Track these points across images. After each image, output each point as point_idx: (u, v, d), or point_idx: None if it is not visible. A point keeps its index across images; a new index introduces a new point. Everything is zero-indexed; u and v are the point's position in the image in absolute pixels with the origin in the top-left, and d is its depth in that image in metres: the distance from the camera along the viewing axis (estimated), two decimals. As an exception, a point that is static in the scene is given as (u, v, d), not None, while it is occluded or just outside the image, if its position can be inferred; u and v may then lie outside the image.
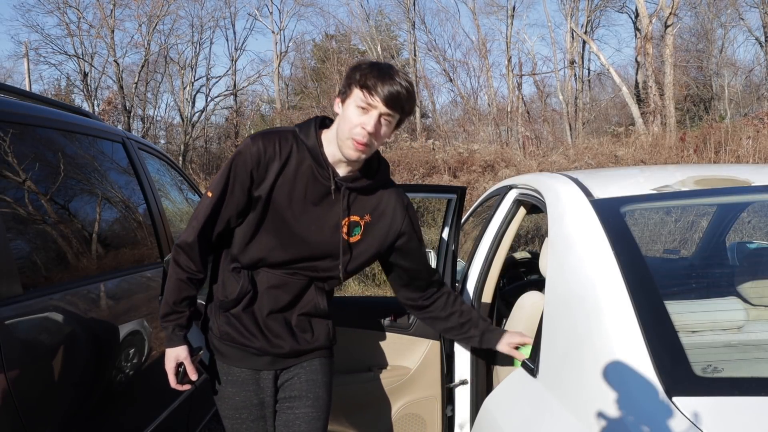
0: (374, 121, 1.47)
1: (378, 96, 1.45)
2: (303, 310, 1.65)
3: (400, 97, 1.47)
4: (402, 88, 1.47)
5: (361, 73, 1.48)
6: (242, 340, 1.62)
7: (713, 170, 1.83)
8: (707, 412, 1.05)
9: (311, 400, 1.67)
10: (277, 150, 1.54)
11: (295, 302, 1.64)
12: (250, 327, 1.62)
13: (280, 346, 1.62)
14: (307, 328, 1.66)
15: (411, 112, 1.56)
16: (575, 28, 20.48)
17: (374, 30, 24.26)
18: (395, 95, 1.46)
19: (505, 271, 3.24)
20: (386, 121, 1.50)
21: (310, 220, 1.58)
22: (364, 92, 1.47)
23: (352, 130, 1.48)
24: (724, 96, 20.48)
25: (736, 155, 10.11)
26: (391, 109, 1.48)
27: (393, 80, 1.46)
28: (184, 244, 1.59)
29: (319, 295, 1.65)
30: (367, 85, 1.46)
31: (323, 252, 1.61)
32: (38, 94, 2.45)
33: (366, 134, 1.47)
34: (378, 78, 1.46)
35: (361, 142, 1.48)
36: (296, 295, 1.63)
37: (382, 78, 1.46)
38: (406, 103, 1.50)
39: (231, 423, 1.67)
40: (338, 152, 1.54)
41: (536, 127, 19.71)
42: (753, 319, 1.60)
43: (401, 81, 1.47)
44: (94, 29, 22.53)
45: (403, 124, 1.59)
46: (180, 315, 1.62)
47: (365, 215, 1.64)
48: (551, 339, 1.44)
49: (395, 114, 1.51)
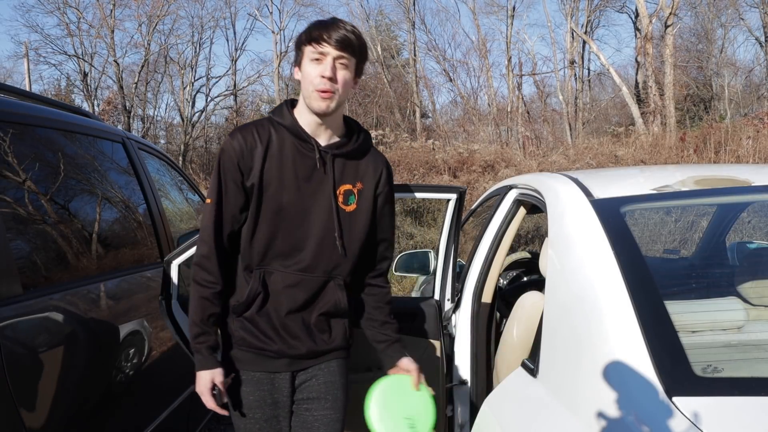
0: (330, 66, 1.51)
1: (327, 42, 1.51)
2: (323, 309, 1.63)
3: (348, 39, 1.52)
4: (348, 32, 1.52)
5: (306, 32, 1.54)
6: (259, 344, 1.61)
7: (713, 170, 1.83)
8: (707, 412, 1.05)
9: (330, 402, 1.67)
10: (256, 137, 1.58)
11: (313, 300, 1.63)
12: (266, 330, 1.61)
13: (297, 347, 1.61)
14: (325, 329, 1.65)
15: (366, 57, 1.61)
16: (575, 28, 20.48)
17: (374, 30, 24.25)
18: (343, 37, 1.51)
19: (505, 271, 3.25)
20: (342, 65, 1.54)
21: (304, 196, 1.59)
22: (313, 44, 1.52)
23: (313, 82, 1.53)
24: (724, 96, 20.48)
25: (736, 155, 10.10)
26: (343, 51, 1.52)
27: (338, 26, 1.52)
28: (201, 259, 1.60)
29: (339, 291, 1.64)
30: (314, 37, 1.52)
31: (324, 227, 1.60)
32: (38, 94, 2.45)
33: (326, 81, 1.52)
34: (323, 28, 1.52)
35: (323, 89, 1.52)
36: (314, 293, 1.62)
37: (327, 27, 1.52)
38: (357, 45, 1.55)
39: (243, 422, 1.65)
40: (314, 119, 1.58)
41: (536, 127, 19.70)
42: (753, 319, 1.61)
43: (346, 26, 1.53)
44: (94, 29, 22.55)
45: (362, 72, 1.63)
46: (209, 335, 1.60)
47: (357, 182, 1.65)
48: (551, 339, 1.44)
49: (349, 57, 1.54)
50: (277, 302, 1.61)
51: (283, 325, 1.61)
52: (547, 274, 1.59)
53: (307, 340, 1.63)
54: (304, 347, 1.62)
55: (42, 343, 1.71)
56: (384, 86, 22.32)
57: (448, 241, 2.24)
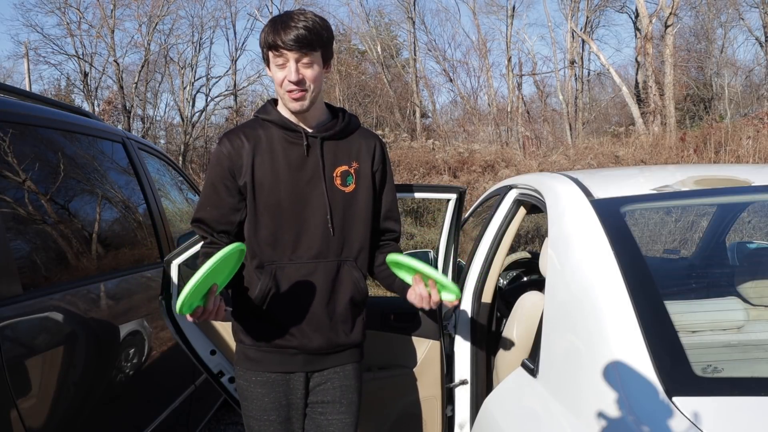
0: (294, 70, 1.51)
1: (284, 47, 1.49)
2: (347, 294, 1.62)
3: (305, 37, 1.48)
4: (301, 29, 1.49)
5: (263, 35, 1.53)
6: (279, 342, 1.60)
7: (713, 170, 1.83)
8: (707, 412, 1.05)
9: (345, 405, 1.66)
10: (243, 138, 1.59)
11: (333, 286, 1.61)
12: (286, 325, 1.60)
13: (317, 339, 1.60)
14: (347, 318, 1.64)
15: (329, 41, 1.57)
16: (575, 28, 20.47)
17: (374, 30, 24.25)
18: (299, 37, 1.48)
19: (505, 271, 3.25)
20: (306, 64, 1.53)
21: (300, 184, 1.59)
22: (272, 51, 1.52)
23: (282, 87, 1.54)
24: (724, 96, 20.47)
25: (736, 155, 10.10)
26: (301, 51, 1.50)
27: (289, 27, 1.49)
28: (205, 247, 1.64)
29: (355, 271, 1.63)
30: (270, 43, 1.51)
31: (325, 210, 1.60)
32: (38, 94, 2.45)
33: (292, 85, 1.52)
34: (275, 32, 1.50)
35: (292, 91, 1.52)
36: (332, 279, 1.61)
37: (278, 30, 1.49)
38: (316, 37, 1.51)
39: (258, 424, 1.64)
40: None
41: (536, 127, 19.71)
42: (753, 319, 1.61)
43: (298, 22, 1.50)
44: (94, 29, 22.52)
45: (331, 54, 1.61)
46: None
47: (352, 162, 1.65)
48: (551, 339, 1.44)
49: (311, 53, 1.52)
50: (296, 294, 1.60)
51: (303, 318, 1.59)
52: (547, 274, 1.59)
53: (328, 331, 1.61)
54: (324, 338, 1.61)
55: (42, 343, 1.70)
56: (384, 86, 22.32)
57: (448, 241, 2.24)
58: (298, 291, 1.59)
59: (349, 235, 1.63)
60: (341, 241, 1.62)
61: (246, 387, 1.65)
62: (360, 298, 1.65)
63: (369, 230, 1.67)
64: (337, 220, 1.60)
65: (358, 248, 1.64)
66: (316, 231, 1.59)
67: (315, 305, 1.60)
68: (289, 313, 1.60)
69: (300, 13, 1.53)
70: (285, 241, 1.59)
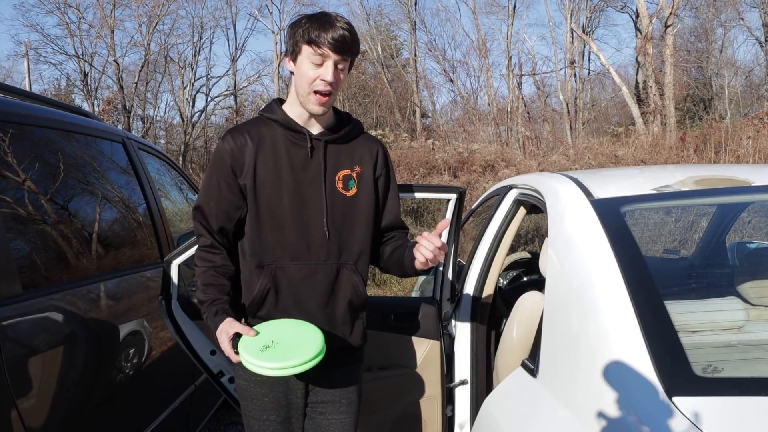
0: (331, 71, 1.52)
1: (327, 46, 1.50)
2: (346, 297, 1.62)
3: (346, 41, 1.51)
4: (345, 31, 1.51)
5: (304, 30, 1.52)
6: None
7: (713, 170, 1.83)
8: (707, 412, 1.05)
9: (344, 405, 1.66)
10: (247, 137, 1.59)
11: (332, 290, 1.61)
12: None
13: None
14: (346, 321, 1.64)
15: (358, 52, 1.61)
16: (575, 28, 20.46)
17: (374, 30, 24.24)
18: (342, 40, 1.50)
19: (505, 271, 3.25)
20: (340, 69, 1.55)
21: (302, 185, 1.59)
22: (313, 47, 1.50)
23: (311, 84, 1.53)
24: (724, 96, 20.47)
25: (736, 155, 10.10)
26: (341, 54, 1.52)
27: (335, 26, 1.51)
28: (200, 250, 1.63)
29: (354, 275, 1.63)
30: (314, 39, 1.50)
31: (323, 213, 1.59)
32: (38, 94, 2.45)
33: (327, 85, 1.52)
34: (321, 29, 1.50)
35: (323, 93, 1.53)
36: (332, 281, 1.61)
37: (325, 27, 1.50)
38: (353, 45, 1.54)
39: (258, 424, 1.64)
40: (305, 112, 1.59)
41: (536, 127, 19.71)
42: (753, 319, 1.61)
43: (342, 25, 1.52)
44: (94, 29, 22.54)
45: (353, 65, 1.64)
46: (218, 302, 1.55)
47: (354, 166, 1.65)
48: (551, 339, 1.44)
49: (348, 58, 1.55)
50: (295, 295, 1.59)
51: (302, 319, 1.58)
52: (547, 274, 1.59)
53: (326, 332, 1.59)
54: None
55: (42, 343, 1.70)
56: (384, 86, 22.32)
57: (448, 241, 2.24)
58: (296, 292, 1.59)
59: (348, 239, 1.63)
60: (340, 244, 1.61)
61: (246, 387, 1.65)
62: (358, 302, 1.65)
63: (370, 235, 1.67)
64: (336, 223, 1.60)
65: (358, 252, 1.64)
66: (315, 233, 1.59)
67: (313, 307, 1.60)
68: (288, 313, 1.59)
69: (337, 15, 1.55)
70: (285, 242, 1.58)
